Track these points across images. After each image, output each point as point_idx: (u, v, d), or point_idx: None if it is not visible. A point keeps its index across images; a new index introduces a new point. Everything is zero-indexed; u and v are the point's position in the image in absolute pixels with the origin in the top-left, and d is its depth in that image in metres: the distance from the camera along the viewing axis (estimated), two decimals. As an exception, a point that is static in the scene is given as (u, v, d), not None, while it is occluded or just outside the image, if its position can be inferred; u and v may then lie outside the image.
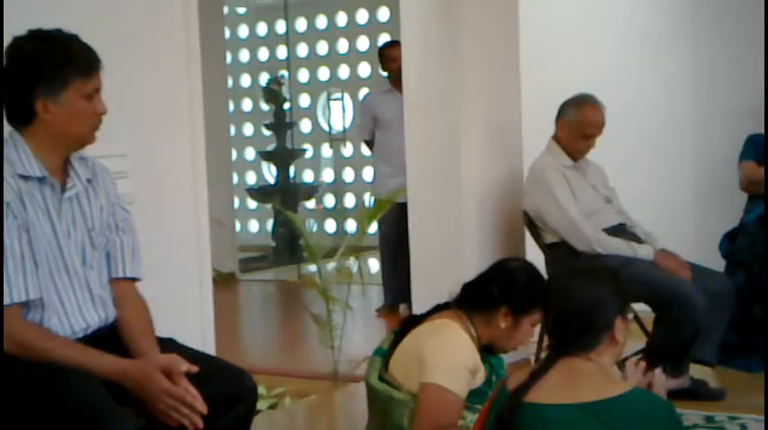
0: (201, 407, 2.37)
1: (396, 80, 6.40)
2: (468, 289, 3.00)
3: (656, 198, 5.36)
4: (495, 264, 3.06)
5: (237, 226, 9.55)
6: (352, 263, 5.26)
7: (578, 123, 4.48)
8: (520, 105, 5.15)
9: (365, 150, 7.68)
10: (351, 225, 9.64)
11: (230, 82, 9.87)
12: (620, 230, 4.47)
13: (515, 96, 5.13)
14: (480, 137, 4.91)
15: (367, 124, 6.65)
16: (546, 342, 2.45)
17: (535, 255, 4.63)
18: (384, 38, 9.60)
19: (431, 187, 4.93)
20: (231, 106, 9.95)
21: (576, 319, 2.29)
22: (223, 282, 7.65)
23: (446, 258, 4.81)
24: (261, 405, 4.18)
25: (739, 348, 4.84)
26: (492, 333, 2.92)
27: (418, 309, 3.14)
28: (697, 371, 4.37)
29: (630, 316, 4.69)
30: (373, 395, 2.96)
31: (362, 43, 9.93)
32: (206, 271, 3.70)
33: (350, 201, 10.04)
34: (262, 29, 10.65)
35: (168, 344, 2.60)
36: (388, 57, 6.54)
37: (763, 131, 5.32)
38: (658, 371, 2.74)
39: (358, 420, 3.19)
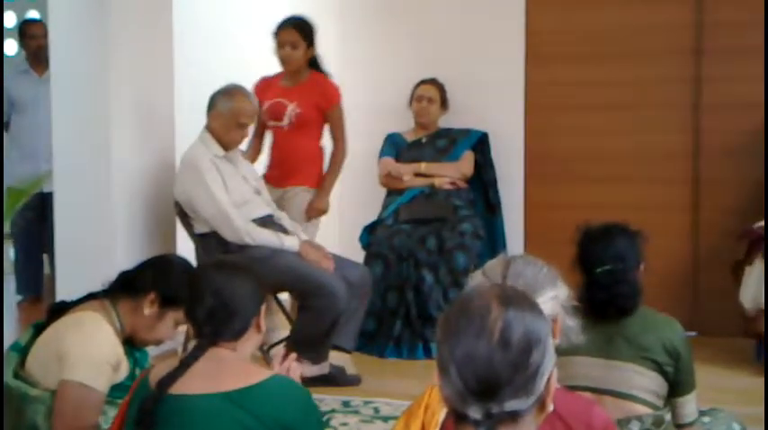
0: None
1: (34, 59, 6.11)
2: (124, 274, 2.95)
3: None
4: (159, 255, 3.04)
5: None
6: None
7: (232, 113, 4.52)
8: (173, 92, 5.11)
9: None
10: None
11: None
12: (268, 221, 4.58)
13: (168, 83, 5.08)
14: (132, 123, 4.82)
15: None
16: (192, 333, 2.48)
17: (186, 245, 4.65)
18: (33, 15, 9.13)
19: (79, 175, 4.77)
20: None
21: (225, 310, 2.34)
22: None
23: (95, 248, 4.68)
24: None
25: (375, 335, 5.14)
26: (136, 322, 2.87)
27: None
28: (335, 357, 4.56)
29: (274, 305, 4.88)
30: (7, 393, 2.82)
31: (9, 19, 9.36)
32: None
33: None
34: None
35: None
36: (28, 34, 6.21)
37: (398, 131, 5.70)
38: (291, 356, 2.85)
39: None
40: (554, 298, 2.17)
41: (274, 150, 5.03)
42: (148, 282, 2.87)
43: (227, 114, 4.49)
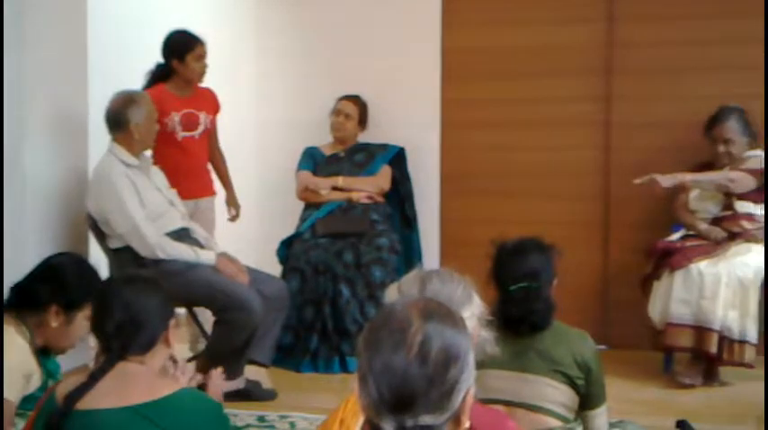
0: None
1: None
2: (17, 290, 2.89)
3: (221, 204, 5.50)
4: (42, 262, 2.98)
5: None
6: None
7: (149, 115, 4.48)
8: (87, 103, 5.02)
9: None
10: None
11: None
12: (183, 235, 4.54)
13: (82, 94, 4.99)
14: (45, 135, 4.71)
15: None
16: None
17: (99, 259, 4.57)
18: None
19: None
20: None
21: (133, 324, 2.34)
22: None
23: (5, 262, 4.56)
24: None
25: (291, 350, 5.13)
26: (47, 333, 2.84)
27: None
28: (251, 371, 4.54)
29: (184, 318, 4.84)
30: None
31: None
32: None
33: None
34: None
35: None
36: None
37: (316, 144, 5.71)
38: (215, 371, 2.85)
39: None
40: (470, 316, 2.20)
41: (185, 161, 5.00)
42: (45, 295, 2.83)
43: (146, 119, 4.47)
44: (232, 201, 5.35)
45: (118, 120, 4.45)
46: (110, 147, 4.50)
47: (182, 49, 4.93)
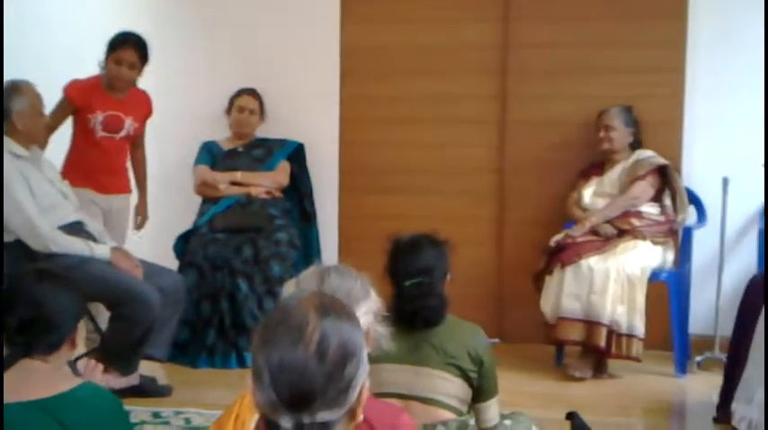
0: None
1: None
2: None
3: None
4: None
5: None
6: None
7: (32, 105, 4.36)
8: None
9: None
10: None
11: None
12: (77, 228, 4.46)
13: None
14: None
15: None
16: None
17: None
18: None
19: None
20: None
21: (42, 324, 2.31)
22: None
23: None
24: None
25: (187, 345, 5.09)
26: None
27: None
28: (146, 367, 4.49)
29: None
30: None
31: None
32: None
33: None
34: None
35: None
36: None
37: (214, 139, 5.68)
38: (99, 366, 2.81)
39: None
40: (367, 312, 2.24)
41: (101, 158, 5.01)
42: None
43: (29, 109, 4.35)
44: (142, 210, 5.33)
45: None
46: (-2, 141, 4.39)
47: (107, 48, 4.92)
